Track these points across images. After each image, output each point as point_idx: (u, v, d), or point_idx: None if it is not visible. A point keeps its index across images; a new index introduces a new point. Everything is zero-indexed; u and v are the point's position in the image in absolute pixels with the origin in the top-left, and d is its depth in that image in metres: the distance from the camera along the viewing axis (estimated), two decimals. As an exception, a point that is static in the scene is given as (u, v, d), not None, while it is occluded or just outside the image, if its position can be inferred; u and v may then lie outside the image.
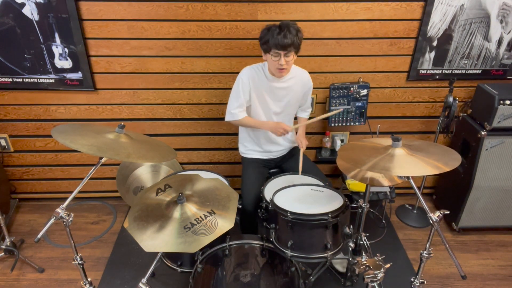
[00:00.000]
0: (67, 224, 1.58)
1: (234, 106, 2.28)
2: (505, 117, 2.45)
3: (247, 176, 2.42)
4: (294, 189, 2.13)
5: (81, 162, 3.05)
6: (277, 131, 2.27)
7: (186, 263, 2.02)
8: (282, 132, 2.26)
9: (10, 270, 2.51)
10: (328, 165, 3.16)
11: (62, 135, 1.61)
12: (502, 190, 2.64)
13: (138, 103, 2.80)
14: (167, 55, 2.62)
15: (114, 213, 3.10)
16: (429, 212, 1.57)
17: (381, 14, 2.54)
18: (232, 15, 2.50)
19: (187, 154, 3.04)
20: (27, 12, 2.43)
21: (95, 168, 1.65)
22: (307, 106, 2.52)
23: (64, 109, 2.80)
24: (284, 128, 2.24)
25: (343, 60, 2.69)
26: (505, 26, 2.59)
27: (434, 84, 2.82)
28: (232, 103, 2.29)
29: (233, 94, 2.29)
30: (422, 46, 2.64)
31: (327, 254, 1.89)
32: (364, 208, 2.23)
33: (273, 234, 1.97)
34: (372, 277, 1.63)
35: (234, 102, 2.28)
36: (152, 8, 2.46)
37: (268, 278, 1.88)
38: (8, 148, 2.95)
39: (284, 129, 2.24)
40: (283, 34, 2.01)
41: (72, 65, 2.61)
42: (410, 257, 2.65)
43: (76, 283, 2.46)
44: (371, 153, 1.73)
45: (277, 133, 2.29)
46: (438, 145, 1.85)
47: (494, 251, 2.73)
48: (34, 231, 2.88)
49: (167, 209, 1.73)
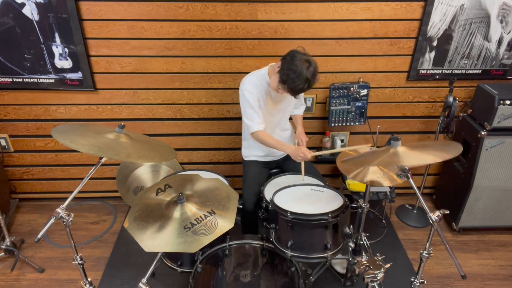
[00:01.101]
0: (67, 224, 1.58)
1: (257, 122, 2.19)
2: (505, 117, 2.45)
3: (248, 175, 2.42)
4: (294, 189, 2.14)
5: (81, 162, 3.05)
6: (297, 156, 2.16)
7: (186, 263, 2.02)
8: (302, 157, 2.15)
9: (10, 270, 2.51)
10: (328, 165, 3.16)
11: (62, 135, 1.61)
12: (502, 190, 2.64)
13: (138, 103, 2.80)
14: (167, 55, 2.62)
15: (114, 213, 3.10)
16: (429, 212, 1.57)
17: (381, 14, 2.54)
18: (232, 15, 2.50)
19: (187, 154, 3.04)
20: (27, 12, 2.43)
21: (95, 168, 1.65)
22: (301, 103, 2.54)
23: (64, 109, 2.80)
24: (305, 153, 2.12)
25: (343, 60, 2.69)
26: (505, 26, 2.59)
27: (434, 84, 2.82)
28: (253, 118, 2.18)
29: (248, 110, 2.18)
30: (422, 46, 2.64)
31: (327, 254, 1.89)
32: (364, 208, 2.23)
33: (273, 234, 1.97)
34: (372, 277, 1.63)
35: (255, 117, 2.18)
36: (152, 8, 2.46)
37: (268, 278, 1.88)
38: (8, 148, 2.95)
39: (304, 154, 2.13)
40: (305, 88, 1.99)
41: (72, 65, 2.61)
42: (410, 257, 2.65)
43: (76, 283, 2.46)
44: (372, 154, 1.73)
45: (297, 158, 2.18)
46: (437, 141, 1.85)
47: (494, 251, 2.73)
48: (34, 231, 2.88)
49: (167, 209, 1.73)
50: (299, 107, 2.55)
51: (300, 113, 2.56)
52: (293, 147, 2.24)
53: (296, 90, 2.01)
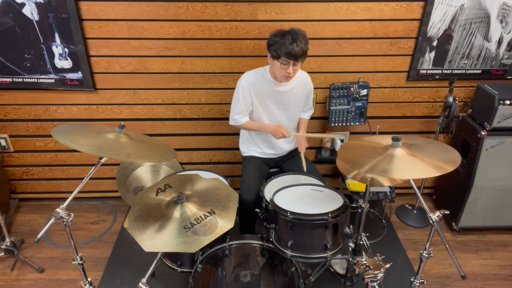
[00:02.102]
0: (67, 224, 1.58)
1: (235, 112, 2.32)
2: (505, 117, 2.45)
3: (247, 172, 2.43)
4: (294, 189, 2.13)
5: (81, 162, 3.05)
6: (276, 134, 2.30)
7: (186, 263, 2.02)
8: (281, 136, 2.29)
9: (10, 270, 2.51)
10: (328, 165, 3.16)
11: (62, 135, 1.61)
12: (502, 190, 2.64)
13: (138, 103, 2.80)
14: (167, 55, 2.62)
15: (114, 213, 3.10)
16: (429, 212, 1.57)
17: (381, 14, 2.54)
18: (232, 15, 2.50)
19: (187, 154, 3.04)
20: (27, 12, 2.43)
21: (95, 168, 1.65)
22: (309, 107, 2.53)
23: (64, 109, 2.80)
24: (283, 133, 2.27)
25: (343, 60, 2.69)
26: (505, 26, 2.59)
27: (434, 84, 2.82)
28: (233, 109, 2.33)
29: (234, 100, 2.32)
30: (422, 46, 2.64)
31: (327, 254, 1.89)
32: (364, 208, 2.23)
33: (273, 234, 1.97)
34: (372, 277, 1.63)
35: (235, 109, 2.31)
36: (152, 8, 2.46)
37: (268, 278, 1.88)
38: (8, 148, 2.95)
39: (283, 133, 2.27)
40: (296, 44, 2.00)
41: (72, 65, 2.61)
42: (410, 257, 2.65)
43: (76, 283, 2.46)
44: (371, 153, 1.73)
45: (276, 136, 2.31)
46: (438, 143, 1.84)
47: (494, 251, 2.73)
48: (34, 231, 2.88)
49: (167, 209, 1.73)
50: (307, 110, 2.54)
51: (305, 117, 2.56)
52: (272, 126, 2.34)
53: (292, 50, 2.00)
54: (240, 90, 2.25)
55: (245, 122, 2.35)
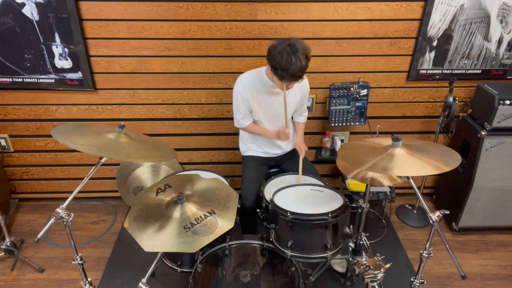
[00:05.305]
0: (67, 224, 1.58)
1: (238, 115, 2.34)
2: (505, 117, 2.45)
3: (247, 173, 2.42)
4: (294, 189, 2.14)
5: (81, 162, 3.05)
6: (280, 137, 2.32)
7: (186, 263, 2.02)
8: (285, 137, 2.30)
9: (10, 270, 2.51)
10: (328, 165, 3.16)
11: (62, 135, 1.61)
12: (502, 190, 2.64)
13: (138, 103, 2.80)
14: (167, 55, 2.62)
15: (114, 213, 3.10)
16: (429, 212, 1.57)
17: (381, 14, 2.54)
18: (232, 15, 2.50)
19: (187, 154, 3.04)
20: (27, 12, 2.43)
21: (95, 168, 1.65)
22: (304, 109, 2.50)
23: (64, 109, 2.80)
24: (285, 133, 2.28)
25: (343, 60, 2.69)
26: (505, 26, 2.59)
27: (434, 84, 2.82)
28: (236, 112, 2.34)
29: (234, 104, 2.33)
30: (422, 46, 2.64)
31: (327, 254, 1.89)
32: (364, 208, 2.23)
33: (273, 234, 1.97)
34: (372, 277, 1.63)
35: (237, 111, 2.33)
36: (152, 8, 2.46)
37: (268, 278, 1.88)
38: (8, 148, 2.95)
39: (285, 134, 2.28)
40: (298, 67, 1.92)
41: (72, 65, 2.61)
42: (410, 257, 2.65)
43: (76, 283, 2.46)
44: (371, 153, 1.73)
45: (281, 139, 2.33)
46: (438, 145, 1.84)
47: (494, 251, 2.73)
48: (34, 231, 2.88)
49: (167, 209, 1.73)
50: (301, 113, 2.51)
51: (301, 121, 2.53)
52: (274, 132, 2.37)
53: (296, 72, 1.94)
54: (237, 93, 2.25)
55: (248, 125, 2.36)
